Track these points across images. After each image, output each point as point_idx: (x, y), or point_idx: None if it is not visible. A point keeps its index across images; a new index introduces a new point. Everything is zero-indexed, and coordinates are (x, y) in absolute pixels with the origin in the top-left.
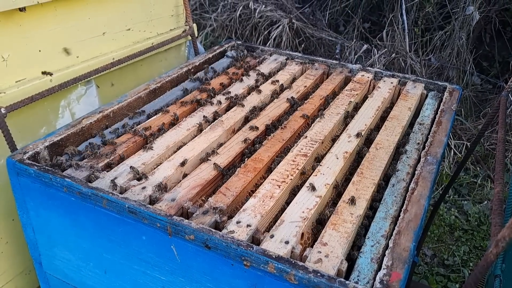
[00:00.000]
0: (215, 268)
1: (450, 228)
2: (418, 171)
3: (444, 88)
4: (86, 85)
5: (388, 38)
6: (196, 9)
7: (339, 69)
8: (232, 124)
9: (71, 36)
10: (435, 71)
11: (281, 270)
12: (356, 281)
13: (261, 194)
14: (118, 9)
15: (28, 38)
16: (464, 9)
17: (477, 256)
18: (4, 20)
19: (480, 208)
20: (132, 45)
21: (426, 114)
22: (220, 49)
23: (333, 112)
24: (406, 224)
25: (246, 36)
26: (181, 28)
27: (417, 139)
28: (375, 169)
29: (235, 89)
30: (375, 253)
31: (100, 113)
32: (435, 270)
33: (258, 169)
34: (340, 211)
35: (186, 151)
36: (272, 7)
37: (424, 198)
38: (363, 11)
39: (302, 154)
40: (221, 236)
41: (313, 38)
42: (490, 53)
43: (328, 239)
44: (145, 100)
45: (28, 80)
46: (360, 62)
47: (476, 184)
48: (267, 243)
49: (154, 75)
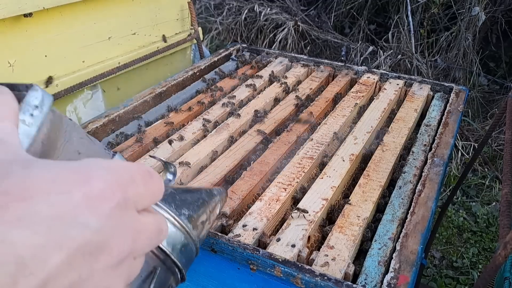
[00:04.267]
0: (221, 272)
1: (459, 230)
2: (425, 173)
3: (451, 89)
4: (92, 89)
5: (394, 39)
6: (201, 12)
7: (345, 71)
8: (237, 127)
9: (77, 41)
10: (442, 72)
11: (287, 274)
12: (364, 284)
13: (267, 197)
14: (123, 14)
15: (34, 44)
16: (470, 10)
17: (486, 258)
18: (10, 25)
19: (489, 210)
20: (138, 49)
21: (433, 115)
22: (225, 52)
23: (338, 114)
24: (413, 226)
25: (251, 39)
26: (187, 31)
27: (423, 140)
28: (381, 171)
29: (240, 92)
30: (382, 256)
31: (106, 117)
32: (443, 272)
33: (264, 172)
34: (347, 214)
35: (191, 155)
36: (277, 10)
37: (431, 200)
38: (368, 13)
39: (308, 156)
40: (227, 240)
41: (318, 40)
42: (497, 53)
43: (335, 242)
44: (151, 104)
45: None
46: (366, 64)
47: (484, 185)
48: (273, 247)
49: (159, 79)
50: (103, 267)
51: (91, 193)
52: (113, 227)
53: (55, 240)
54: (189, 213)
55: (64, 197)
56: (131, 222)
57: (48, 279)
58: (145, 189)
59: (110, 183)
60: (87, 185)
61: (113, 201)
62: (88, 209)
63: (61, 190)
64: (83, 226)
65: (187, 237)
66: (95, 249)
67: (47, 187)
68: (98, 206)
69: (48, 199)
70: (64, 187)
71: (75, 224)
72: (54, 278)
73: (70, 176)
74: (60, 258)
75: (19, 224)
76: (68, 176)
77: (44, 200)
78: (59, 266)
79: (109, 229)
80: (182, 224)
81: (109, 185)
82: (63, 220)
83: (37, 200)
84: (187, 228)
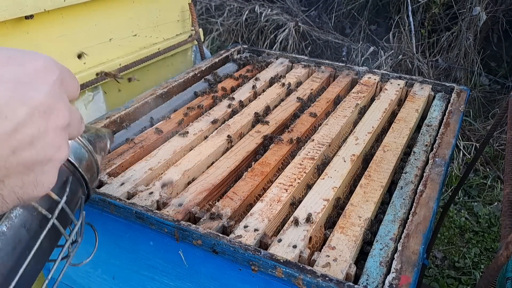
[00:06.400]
0: (223, 273)
1: (460, 230)
2: (427, 173)
3: (452, 89)
4: (93, 91)
5: (395, 39)
6: (202, 13)
7: (346, 72)
8: (238, 128)
9: (78, 43)
10: (443, 72)
11: (289, 275)
12: (365, 285)
13: (268, 198)
14: (124, 15)
15: (36, 46)
16: (471, 10)
17: (488, 258)
18: (11, 27)
19: (491, 210)
20: (139, 50)
21: (434, 115)
22: (226, 53)
23: (339, 114)
24: (415, 226)
25: (252, 40)
26: (187, 33)
27: (425, 141)
28: (383, 171)
29: (241, 93)
30: (384, 257)
31: (107, 119)
32: (445, 272)
33: (265, 173)
34: (348, 214)
35: (192, 156)
36: (278, 11)
37: (433, 201)
38: (369, 13)
39: (309, 157)
40: (229, 241)
41: (319, 41)
42: (498, 53)
43: (336, 243)
44: (152, 105)
45: None
46: (367, 64)
47: (486, 185)
48: (275, 248)
49: (160, 80)
50: (54, 127)
51: (39, 67)
52: (57, 95)
53: (20, 96)
54: (89, 138)
55: (19, 68)
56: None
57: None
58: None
59: (51, 63)
60: (35, 62)
61: (55, 75)
62: (38, 78)
63: (16, 62)
64: (37, 90)
65: (90, 155)
66: (48, 109)
67: (5, 59)
68: (44, 77)
69: (7, 68)
70: (18, 61)
71: (31, 87)
72: (22, 126)
73: (20, 53)
74: (25, 111)
75: None
76: (19, 53)
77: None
78: (24, 117)
79: (55, 95)
80: (85, 143)
81: (50, 64)
82: (22, 83)
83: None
84: (89, 147)
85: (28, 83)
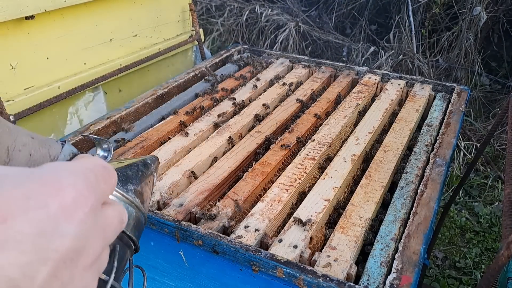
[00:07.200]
0: (223, 274)
1: (461, 230)
2: (427, 173)
3: (452, 89)
4: (94, 91)
5: (395, 39)
6: (202, 14)
7: (346, 72)
8: (239, 129)
9: (78, 43)
10: (443, 72)
11: (290, 275)
12: (366, 285)
13: (269, 198)
14: (125, 16)
15: (36, 46)
16: (471, 10)
17: (489, 258)
18: (12, 28)
19: (491, 210)
20: (139, 51)
21: (434, 115)
22: (226, 53)
23: (340, 114)
24: (415, 227)
25: (252, 40)
26: (188, 33)
27: (425, 141)
28: (383, 171)
29: (242, 93)
30: (384, 257)
31: (107, 119)
32: (446, 272)
33: (266, 173)
34: (349, 214)
35: (193, 156)
36: (278, 11)
37: (433, 201)
38: (369, 13)
39: (310, 157)
40: (229, 241)
41: (319, 41)
42: (499, 53)
43: (337, 243)
44: (153, 105)
45: (36, 87)
46: (367, 64)
47: (486, 185)
48: (275, 248)
49: (161, 80)
50: (81, 269)
51: (66, 203)
52: (88, 230)
53: (40, 254)
54: (134, 188)
55: (42, 212)
56: (100, 221)
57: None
58: (106, 185)
59: (81, 189)
60: (61, 196)
61: (87, 207)
62: (65, 219)
63: (38, 205)
64: (63, 236)
65: (138, 211)
66: (75, 255)
67: (24, 204)
68: (73, 214)
69: (27, 216)
70: (40, 202)
71: (56, 235)
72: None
73: (42, 188)
74: (46, 271)
75: (5, 246)
76: (40, 189)
77: (24, 218)
78: (46, 278)
79: (85, 233)
80: (132, 200)
81: (80, 192)
82: (44, 233)
83: (18, 219)
84: (136, 203)
85: (52, 230)
